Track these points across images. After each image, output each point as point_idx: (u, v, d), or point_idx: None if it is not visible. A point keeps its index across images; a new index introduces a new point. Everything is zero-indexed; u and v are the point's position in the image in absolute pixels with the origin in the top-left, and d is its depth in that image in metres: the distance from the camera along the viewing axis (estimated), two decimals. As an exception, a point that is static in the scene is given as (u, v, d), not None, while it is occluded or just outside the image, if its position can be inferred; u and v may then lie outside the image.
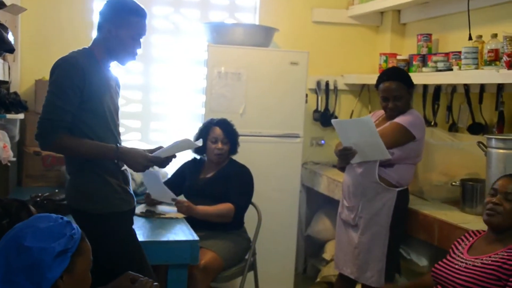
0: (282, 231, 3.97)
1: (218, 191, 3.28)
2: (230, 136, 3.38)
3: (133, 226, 2.48)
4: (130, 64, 2.50)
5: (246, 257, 3.40)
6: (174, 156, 2.47)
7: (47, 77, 2.32)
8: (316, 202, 4.42)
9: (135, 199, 2.53)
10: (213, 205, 3.21)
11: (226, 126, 3.39)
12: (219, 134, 3.36)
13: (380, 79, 3.05)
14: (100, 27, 2.38)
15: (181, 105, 4.29)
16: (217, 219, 3.22)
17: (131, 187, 2.51)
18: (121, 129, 2.55)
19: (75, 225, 1.58)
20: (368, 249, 2.98)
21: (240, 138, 3.48)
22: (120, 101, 2.56)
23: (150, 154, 2.40)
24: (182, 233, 2.85)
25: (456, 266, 2.22)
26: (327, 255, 4.08)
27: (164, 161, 2.44)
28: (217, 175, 3.37)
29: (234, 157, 3.46)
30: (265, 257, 3.81)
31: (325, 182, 4.01)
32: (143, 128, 4.26)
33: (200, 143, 2.61)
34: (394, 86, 2.97)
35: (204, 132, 3.40)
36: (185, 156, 3.55)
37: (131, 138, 4.16)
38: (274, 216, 3.88)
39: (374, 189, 2.97)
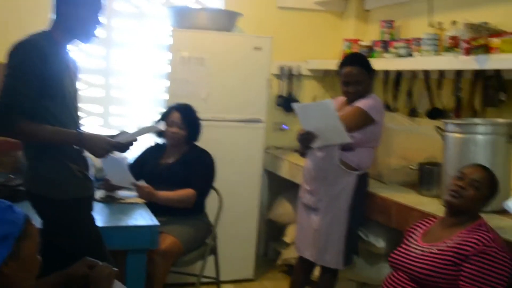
0: (243, 215, 3.98)
1: (179, 177, 3.26)
2: (188, 122, 3.36)
3: (92, 212, 2.46)
4: (92, 48, 2.46)
5: (207, 241, 3.40)
6: (135, 140, 2.45)
7: (4, 60, 2.26)
8: (277, 186, 4.45)
9: (95, 185, 2.50)
10: (174, 190, 3.20)
11: (185, 111, 3.37)
12: (176, 118, 3.34)
13: (342, 64, 3.07)
14: (57, 8, 2.33)
15: (144, 90, 4.25)
16: (178, 204, 3.21)
17: (91, 172, 2.48)
18: (82, 114, 2.51)
19: (18, 209, 1.54)
20: (328, 232, 3.02)
21: (203, 123, 3.46)
22: (81, 86, 2.52)
23: (111, 139, 2.37)
24: (142, 218, 2.83)
25: (413, 254, 2.24)
26: (287, 239, 4.12)
27: (125, 146, 2.42)
28: (178, 161, 3.35)
29: (197, 141, 3.45)
30: (226, 241, 3.82)
31: (286, 167, 4.04)
32: (104, 113, 4.20)
33: (162, 126, 2.59)
34: (355, 71, 3.00)
35: (164, 116, 3.38)
36: (147, 141, 3.53)
37: (92, 123, 4.10)
38: (235, 201, 3.89)
39: (335, 172, 3.00)
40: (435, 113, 3.62)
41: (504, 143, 2.62)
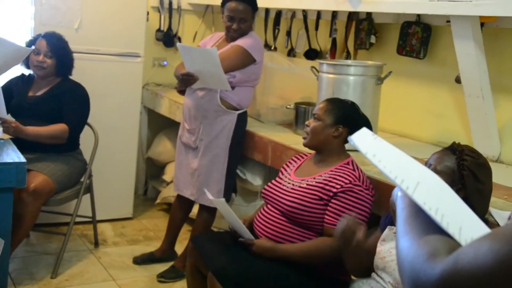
0: (121, 153, 3.89)
1: (50, 111, 3.08)
2: (56, 51, 3.15)
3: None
4: None
5: (82, 179, 3.29)
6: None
7: None
8: (157, 124, 4.38)
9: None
10: (45, 125, 3.03)
11: (54, 40, 3.15)
12: (43, 46, 3.11)
13: None
14: None
15: (7, 16, 3.90)
16: (49, 140, 3.04)
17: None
18: None
19: None
20: (208, 172, 3.04)
21: (75, 56, 3.27)
22: None
23: None
24: (7, 155, 2.65)
25: (284, 187, 2.30)
26: (167, 177, 4.11)
27: None
28: (48, 93, 3.15)
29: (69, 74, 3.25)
30: (103, 179, 3.72)
31: (166, 104, 3.97)
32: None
33: (27, 50, 2.36)
34: (241, 7, 2.96)
35: (30, 44, 3.14)
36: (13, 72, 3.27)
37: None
38: (112, 138, 3.77)
39: (215, 112, 2.99)
40: (312, 54, 3.71)
41: (373, 84, 2.74)
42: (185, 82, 2.93)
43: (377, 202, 2.21)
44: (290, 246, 2.20)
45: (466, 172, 1.72)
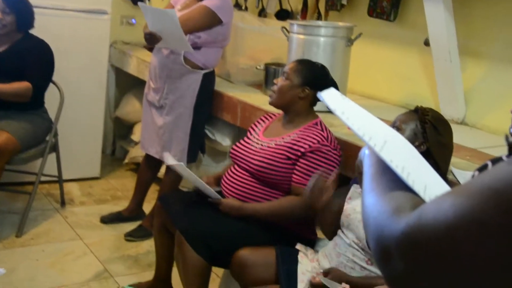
0: (88, 112, 3.82)
1: (11, 68, 2.99)
2: (13, 6, 3.03)
3: None
4: None
5: (47, 138, 3.24)
6: None
7: None
8: (125, 83, 4.31)
9: None
10: (7, 83, 2.94)
11: None
12: None
13: None
14: None
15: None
16: (12, 98, 2.97)
17: None
18: None
19: None
20: (172, 130, 3.02)
21: (37, 11, 3.16)
22: None
23: None
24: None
25: (252, 147, 2.30)
26: (135, 137, 4.07)
27: None
28: (10, 50, 3.05)
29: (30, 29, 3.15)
30: (69, 139, 3.66)
31: (134, 63, 3.90)
32: None
33: None
34: None
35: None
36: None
37: None
38: (79, 97, 3.70)
39: (179, 71, 2.95)
40: (283, 15, 3.67)
41: (343, 46, 2.74)
42: (149, 41, 2.88)
43: (344, 163, 2.23)
44: (257, 204, 2.21)
45: (427, 125, 1.82)
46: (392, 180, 0.77)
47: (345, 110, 0.84)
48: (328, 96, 0.89)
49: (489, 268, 0.58)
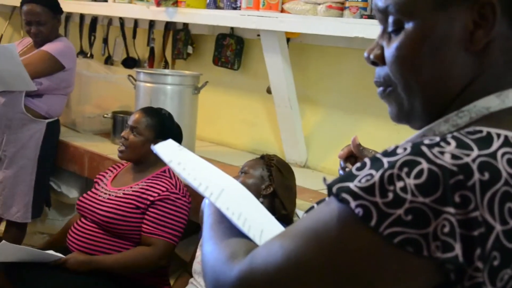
0: None
1: None
2: None
3: None
4: None
5: None
6: None
7: None
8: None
9: None
10: None
11: None
12: None
13: (23, 1, 2.85)
14: None
15: None
16: None
17: None
18: None
19: None
20: (13, 184, 2.83)
21: None
22: None
23: None
24: None
25: (100, 198, 2.24)
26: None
27: None
28: None
29: None
30: None
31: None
32: None
33: None
34: (38, 10, 2.80)
35: None
36: None
37: None
38: None
39: (20, 121, 2.80)
40: (130, 62, 3.66)
41: (190, 93, 2.79)
42: None
43: (194, 209, 2.24)
44: (106, 257, 2.14)
45: (273, 168, 1.99)
46: (229, 228, 0.80)
47: (181, 161, 0.86)
48: (162, 148, 0.90)
49: None
